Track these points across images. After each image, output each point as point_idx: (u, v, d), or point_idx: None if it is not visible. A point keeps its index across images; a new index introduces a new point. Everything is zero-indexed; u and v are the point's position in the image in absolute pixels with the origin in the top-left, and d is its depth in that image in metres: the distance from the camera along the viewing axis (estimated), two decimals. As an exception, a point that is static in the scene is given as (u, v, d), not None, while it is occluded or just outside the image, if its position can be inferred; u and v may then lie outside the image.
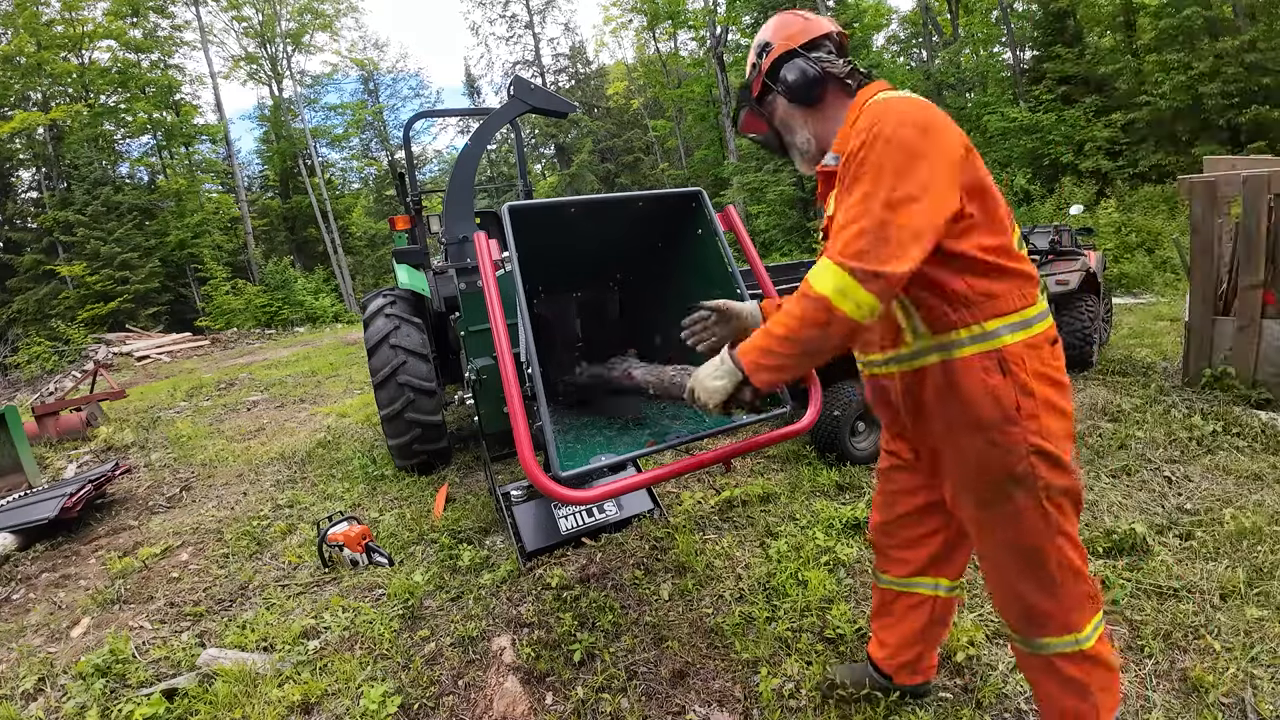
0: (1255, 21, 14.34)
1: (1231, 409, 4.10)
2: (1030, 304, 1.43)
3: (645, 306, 2.89)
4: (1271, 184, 4.19)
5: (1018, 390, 1.39)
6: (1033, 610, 1.52)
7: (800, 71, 1.56)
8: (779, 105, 1.66)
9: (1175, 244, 7.98)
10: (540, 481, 1.70)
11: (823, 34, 1.59)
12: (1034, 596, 1.51)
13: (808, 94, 1.58)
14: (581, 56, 37.15)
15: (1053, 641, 1.52)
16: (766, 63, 1.63)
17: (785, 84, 1.59)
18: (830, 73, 1.55)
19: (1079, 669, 1.51)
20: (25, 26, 22.29)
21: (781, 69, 1.60)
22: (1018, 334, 1.41)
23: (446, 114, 16.54)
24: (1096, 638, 1.51)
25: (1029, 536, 1.46)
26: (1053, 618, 1.50)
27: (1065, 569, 1.47)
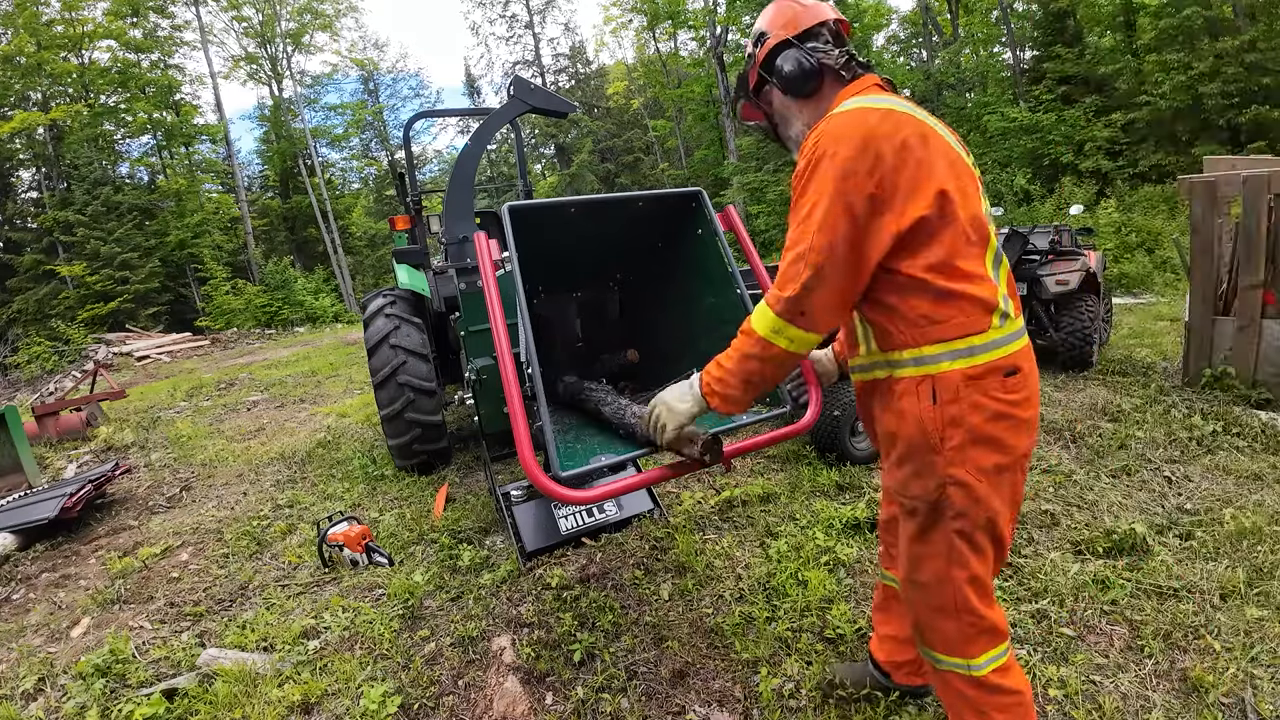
0: (1255, 21, 14.33)
1: (1231, 409, 4.10)
2: (978, 331, 1.36)
3: (645, 306, 2.89)
4: (1271, 184, 4.19)
5: (944, 421, 1.37)
6: (924, 626, 1.54)
7: (795, 63, 1.53)
8: (775, 96, 1.64)
9: (1175, 244, 7.98)
10: (540, 481, 1.70)
11: (819, 22, 1.55)
12: (926, 615, 1.52)
13: (802, 86, 1.55)
14: (581, 56, 37.16)
15: (943, 658, 1.52)
16: (761, 53, 1.60)
17: (780, 75, 1.57)
18: (825, 64, 1.52)
19: (973, 690, 1.50)
20: (25, 26, 22.29)
21: (776, 60, 1.57)
22: (957, 362, 1.36)
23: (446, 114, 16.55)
24: (992, 668, 1.47)
25: (931, 563, 1.46)
26: (944, 640, 1.50)
27: (960, 606, 1.45)
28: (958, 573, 1.44)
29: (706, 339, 2.49)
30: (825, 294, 1.35)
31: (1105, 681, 2.02)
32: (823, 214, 1.33)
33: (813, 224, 1.34)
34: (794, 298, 1.36)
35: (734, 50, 23.70)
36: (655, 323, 2.82)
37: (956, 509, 1.40)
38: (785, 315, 1.38)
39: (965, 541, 1.42)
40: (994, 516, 1.41)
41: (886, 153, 1.31)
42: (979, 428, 1.36)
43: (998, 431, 1.37)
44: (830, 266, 1.34)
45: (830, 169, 1.33)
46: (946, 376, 1.36)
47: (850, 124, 1.35)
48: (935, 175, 1.33)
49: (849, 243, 1.33)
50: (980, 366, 1.36)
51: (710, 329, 2.45)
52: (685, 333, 2.61)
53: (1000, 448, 1.38)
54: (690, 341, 2.59)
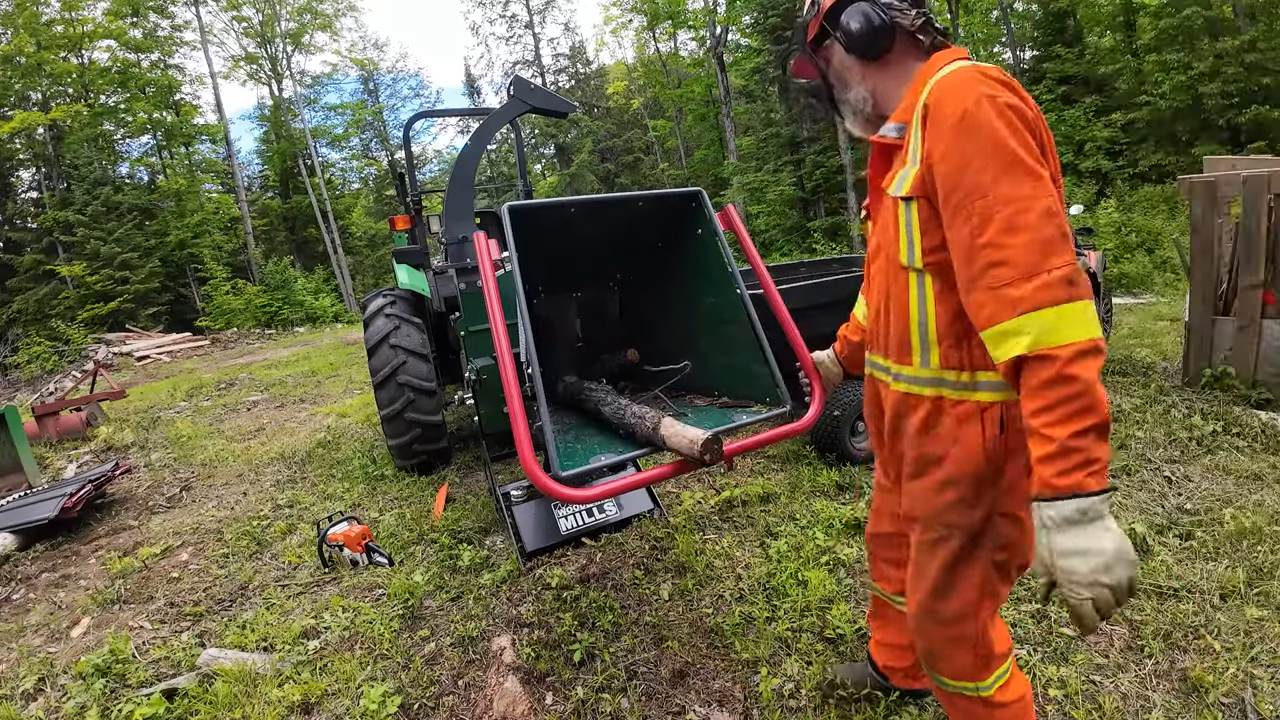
0: (1255, 21, 14.33)
1: (1231, 409, 4.10)
2: None
3: (645, 306, 2.88)
4: (1271, 184, 4.18)
5: (1009, 450, 1.25)
6: (936, 655, 1.47)
7: (864, 18, 1.34)
8: (835, 53, 1.45)
9: (1175, 244, 7.97)
10: (540, 481, 1.70)
11: None
12: (941, 646, 1.45)
13: (871, 45, 1.36)
14: (581, 56, 37.15)
15: (950, 682, 1.48)
16: (827, 2, 1.41)
17: (846, 31, 1.37)
18: (900, 24, 1.34)
19: (980, 709, 1.46)
20: (25, 26, 22.28)
21: (844, 12, 1.37)
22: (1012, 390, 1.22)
23: (446, 114, 16.53)
24: (998, 685, 1.45)
25: (962, 594, 1.37)
26: (956, 668, 1.45)
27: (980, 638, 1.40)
28: (988, 604, 1.37)
29: (706, 339, 2.49)
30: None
31: (1105, 681, 2.02)
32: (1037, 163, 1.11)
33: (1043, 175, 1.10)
34: (1077, 265, 1.06)
35: (734, 50, 23.70)
36: (655, 323, 2.82)
37: (1002, 541, 1.31)
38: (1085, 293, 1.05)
39: (1000, 573, 1.35)
40: (1029, 547, 1.34)
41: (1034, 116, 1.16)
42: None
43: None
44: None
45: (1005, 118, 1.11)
46: (1019, 404, 1.15)
47: (998, 76, 1.17)
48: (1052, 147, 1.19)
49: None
50: None
51: (710, 329, 2.45)
52: (685, 333, 2.61)
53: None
54: (690, 341, 2.59)
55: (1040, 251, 1.06)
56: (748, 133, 23.40)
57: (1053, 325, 1.05)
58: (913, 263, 1.30)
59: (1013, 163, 1.10)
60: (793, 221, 20.25)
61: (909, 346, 1.37)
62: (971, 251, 1.14)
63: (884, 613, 1.91)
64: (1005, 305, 1.09)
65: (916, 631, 1.50)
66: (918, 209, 1.26)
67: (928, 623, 1.45)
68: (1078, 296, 1.05)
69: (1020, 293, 1.07)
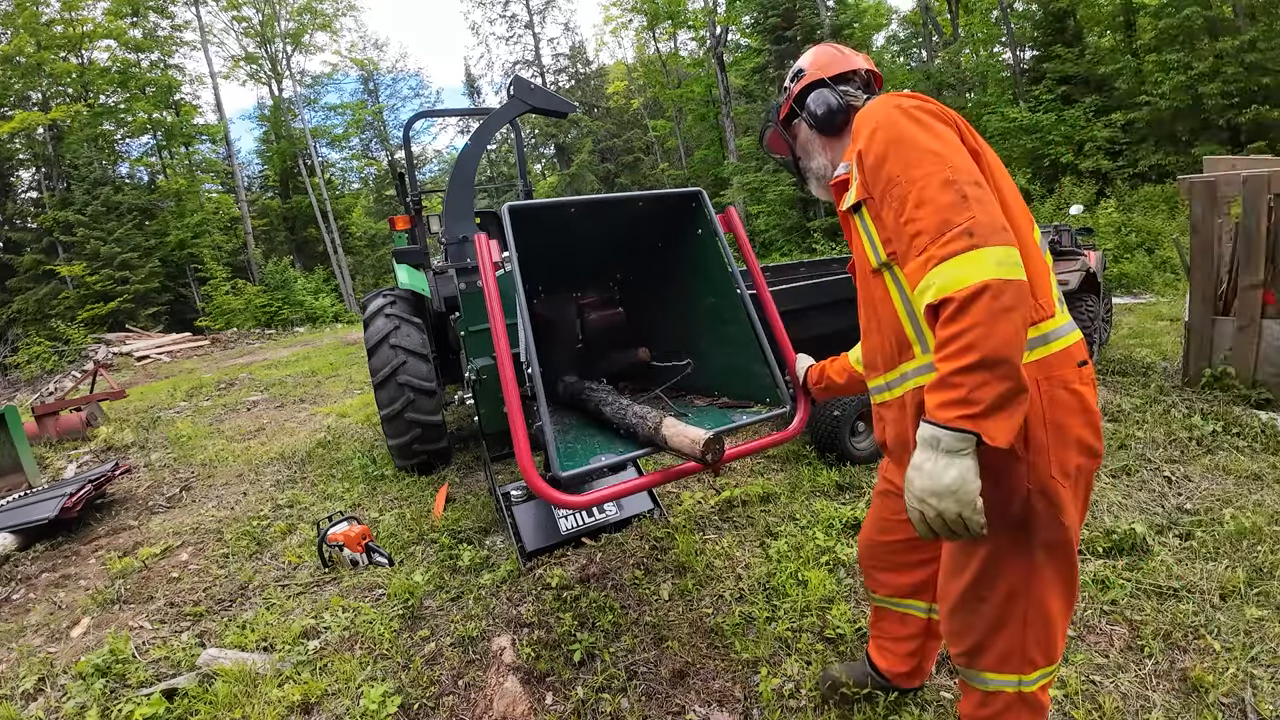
0: (1255, 21, 14.33)
1: (1231, 409, 4.10)
2: (1047, 316, 1.27)
3: (645, 306, 2.88)
4: (1271, 184, 4.19)
5: (1027, 420, 1.22)
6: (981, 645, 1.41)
7: (824, 101, 1.61)
8: (801, 130, 1.71)
9: (1175, 244, 7.97)
10: (537, 486, 1.70)
11: (852, 69, 1.65)
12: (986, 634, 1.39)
13: (830, 122, 1.62)
14: (581, 56, 37.16)
15: (993, 677, 1.42)
16: (796, 88, 1.69)
17: (810, 111, 1.64)
18: (853, 105, 1.59)
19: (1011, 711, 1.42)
20: (25, 26, 22.29)
21: (809, 96, 1.65)
22: (1035, 351, 1.25)
23: (446, 114, 16.55)
24: (1041, 684, 1.41)
25: (1007, 579, 1.34)
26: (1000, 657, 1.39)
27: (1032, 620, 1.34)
28: (1037, 585, 1.33)
29: (706, 339, 2.49)
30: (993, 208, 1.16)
31: (1105, 681, 2.02)
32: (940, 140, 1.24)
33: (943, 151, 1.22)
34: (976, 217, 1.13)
35: (734, 50, 23.70)
36: (655, 323, 2.82)
37: (1043, 518, 1.27)
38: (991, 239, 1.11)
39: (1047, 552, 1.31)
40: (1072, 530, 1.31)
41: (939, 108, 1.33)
42: (1065, 423, 1.25)
43: (1077, 425, 1.26)
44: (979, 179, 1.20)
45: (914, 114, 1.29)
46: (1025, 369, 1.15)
47: (901, 93, 1.38)
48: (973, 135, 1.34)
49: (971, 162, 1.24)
50: (1057, 354, 1.27)
51: (710, 329, 2.45)
52: (685, 333, 2.61)
53: (1081, 445, 1.27)
54: (690, 341, 2.59)
55: (943, 214, 1.16)
56: (748, 133, 23.41)
57: (952, 274, 1.13)
58: (879, 258, 1.41)
59: (913, 148, 1.25)
60: (793, 221, 20.26)
61: (907, 341, 1.41)
62: (899, 231, 1.27)
63: (882, 623, 1.91)
64: (921, 266, 1.19)
65: (957, 626, 1.45)
66: (866, 211, 1.41)
67: (970, 612, 1.40)
68: (976, 245, 1.12)
69: (930, 253, 1.17)
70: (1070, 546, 1.33)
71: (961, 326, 1.10)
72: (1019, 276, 1.11)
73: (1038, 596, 1.34)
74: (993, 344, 1.08)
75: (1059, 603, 1.36)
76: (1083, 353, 1.31)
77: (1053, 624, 1.37)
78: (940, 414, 1.13)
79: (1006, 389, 1.09)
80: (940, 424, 1.12)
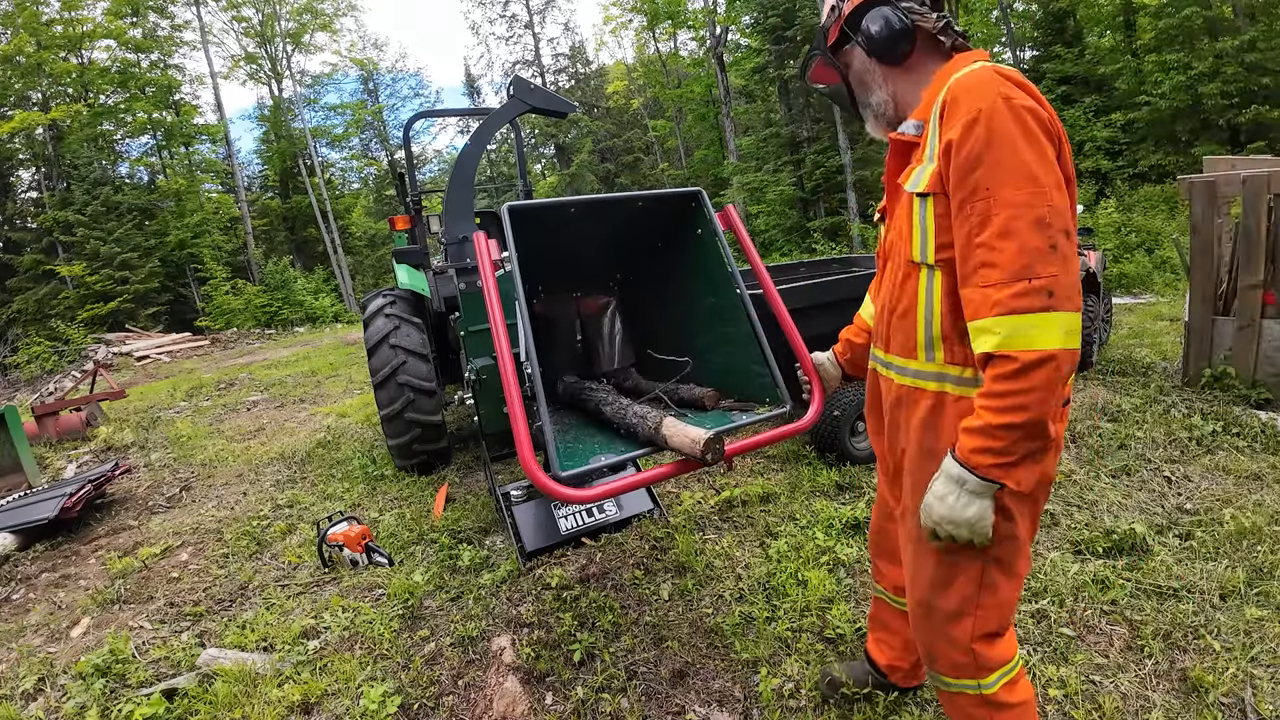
0: (1255, 21, 14.33)
1: (1231, 409, 4.10)
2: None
3: (645, 306, 2.88)
4: (1271, 184, 4.19)
5: None
6: (935, 654, 1.46)
7: (885, 22, 1.35)
8: (856, 57, 1.46)
9: (1175, 244, 7.97)
10: (540, 481, 1.70)
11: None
12: (940, 645, 1.44)
13: (892, 49, 1.37)
14: (581, 56, 37.14)
15: (952, 681, 1.46)
16: (848, 6, 1.41)
17: (867, 35, 1.38)
18: (921, 26, 1.34)
19: (981, 710, 1.44)
20: (25, 26, 22.27)
21: (864, 17, 1.38)
22: None
23: (446, 114, 16.53)
24: (1002, 684, 1.43)
25: (959, 590, 1.37)
26: (956, 666, 1.44)
27: (979, 637, 1.38)
28: (986, 599, 1.36)
29: (706, 339, 2.49)
30: (1075, 267, 1.10)
31: (1105, 681, 2.02)
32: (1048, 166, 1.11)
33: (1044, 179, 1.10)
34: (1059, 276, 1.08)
35: (733, 50, 23.69)
36: (655, 323, 2.82)
37: (999, 535, 1.30)
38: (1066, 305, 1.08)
39: (999, 567, 1.35)
40: (1027, 540, 1.35)
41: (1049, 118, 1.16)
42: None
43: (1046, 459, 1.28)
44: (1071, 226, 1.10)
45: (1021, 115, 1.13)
46: None
47: (1017, 79, 1.18)
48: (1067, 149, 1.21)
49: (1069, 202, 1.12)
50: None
51: (710, 329, 2.45)
52: (685, 333, 2.61)
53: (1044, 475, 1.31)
54: (690, 341, 2.59)
55: (1025, 260, 1.10)
56: (748, 133, 23.40)
57: (1022, 330, 1.10)
58: (925, 258, 1.31)
59: (1017, 167, 1.12)
60: (793, 221, 20.25)
61: (914, 342, 1.39)
62: (968, 249, 1.18)
63: (883, 613, 1.92)
64: (986, 304, 1.14)
65: (915, 628, 1.50)
66: (933, 205, 1.26)
67: (926, 619, 1.45)
68: (1053, 307, 1.09)
69: (1000, 295, 1.12)
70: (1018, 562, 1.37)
71: (1019, 387, 1.10)
72: (1078, 346, 1.11)
73: (987, 607, 1.37)
74: (1043, 410, 1.11)
75: (1004, 612, 1.40)
76: (1070, 392, 1.32)
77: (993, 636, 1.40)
78: (974, 459, 1.17)
79: (1040, 446, 1.15)
80: (971, 468, 1.17)
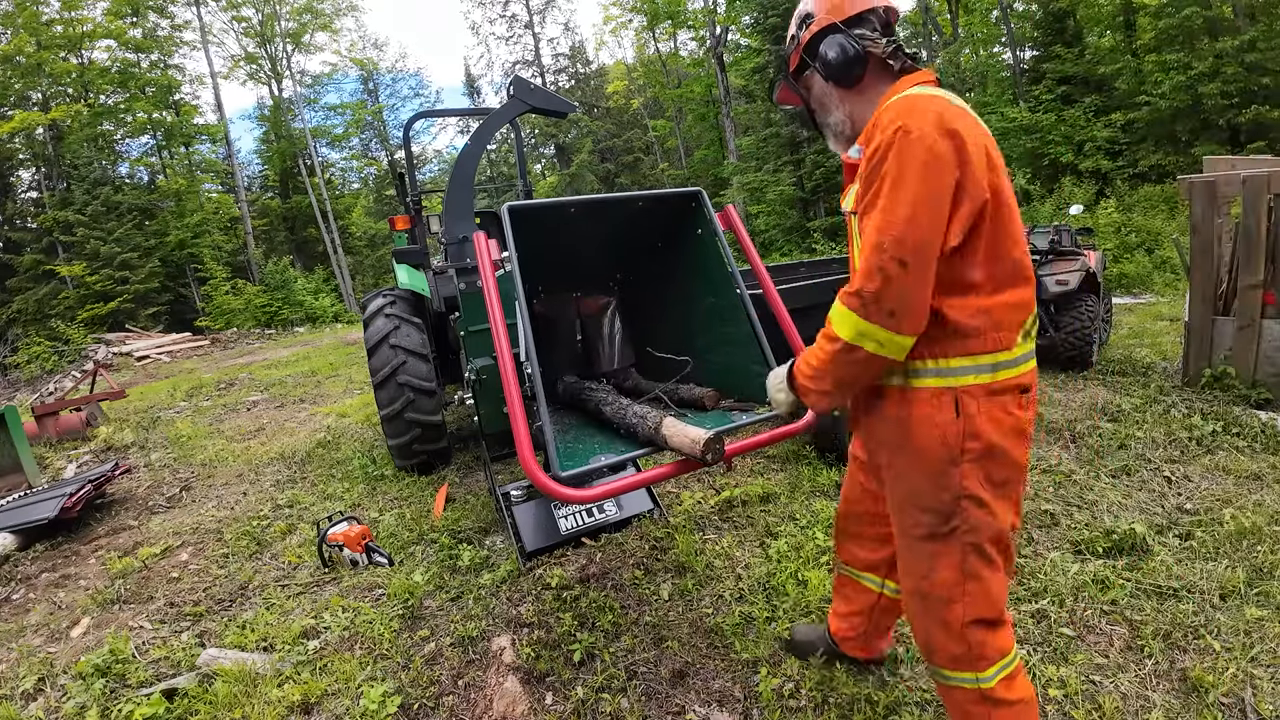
0: (1255, 21, 14.32)
1: (1231, 409, 4.10)
2: (1004, 348, 1.36)
3: (645, 306, 2.89)
4: (1271, 184, 4.18)
5: (966, 434, 1.36)
6: (931, 644, 1.52)
7: (840, 49, 1.46)
8: (815, 82, 1.58)
9: (1175, 244, 7.97)
10: (540, 481, 1.70)
11: (869, 9, 1.49)
12: (935, 632, 1.49)
13: (846, 73, 1.48)
14: (581, 56, 37.13)
15: (950, 674, 1.50)
16: (806, 35, 1.53)
17: (823, 61, 1.49)
18: (871, 52, 1.46)
19: (979, 707, 1.48)
20: (25, 26, 22.28)
21: (821, 44, 1.49)
22: (982, 377, 1.36)
23: (446, 114, 16.55)
24: (1000, 679, 1.47)
25: (942, 576, 1.44)
26: (952, 657, 1.48)
27: (970, 621, 1.44)
28: (971, 586, 1.43)
29: (706, 339, 2.49)
30: (912, 289, 1.26)
31: (1105, 681, 2.02)
32: (909, 201, 1.25)
33: (898, 212, 1.25)
34: (877, 293, 1.27)
35: (733, 50, 23.70)
36: (655, 323, 2.82)
37: (971, 523, 1.39)
38: (870, 316, 1.29)
39: (978, 555, 1.42)
40: (1004, 529, 1.42)
41: (966, 139, 1.27)
42: (997, 443, 1.37)
43: (1011, 446, 1.38)
44: (916, 258, 1.25)
45: (913, 152, 1.25)
46: (972, 390, 1.36)
47: (927, 108, 1.29)
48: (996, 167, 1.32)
49: (934, 231, 1.26)
50: (1004, 382, 1.37)
51: (710, 329, 2.45)
52: (685, 332, 2.61)
53: (1011, 462, 1.40)
54: (690, 341, 2.59)
55: (866, 270, 1.30)
56: (748, 133, 23.39)
57: (837, 317, 1.37)
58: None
59: (895, 190, 1.27)
60: (792, 221, 20.25)
61: None
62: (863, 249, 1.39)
63: (844, 588, 2.01)
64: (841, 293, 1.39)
65: (913, 620, 1.56)
66: (858, 221, 1.41)
67: (919, 607, 1.51)
68: (859, 311, 1.31)
69: (847, 289, 1.35)
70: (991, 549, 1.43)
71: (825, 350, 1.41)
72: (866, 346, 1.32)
73: (973, 593, 1.43)
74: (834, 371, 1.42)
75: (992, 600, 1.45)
76: (1030, 380, 1.41)
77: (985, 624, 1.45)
78: (796, 370, 1.53)
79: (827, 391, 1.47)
80: (791, 375, 1.57)
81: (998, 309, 1.35)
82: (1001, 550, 1.45)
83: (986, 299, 1.34)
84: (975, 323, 1.34)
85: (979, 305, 1.34)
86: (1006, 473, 1.40)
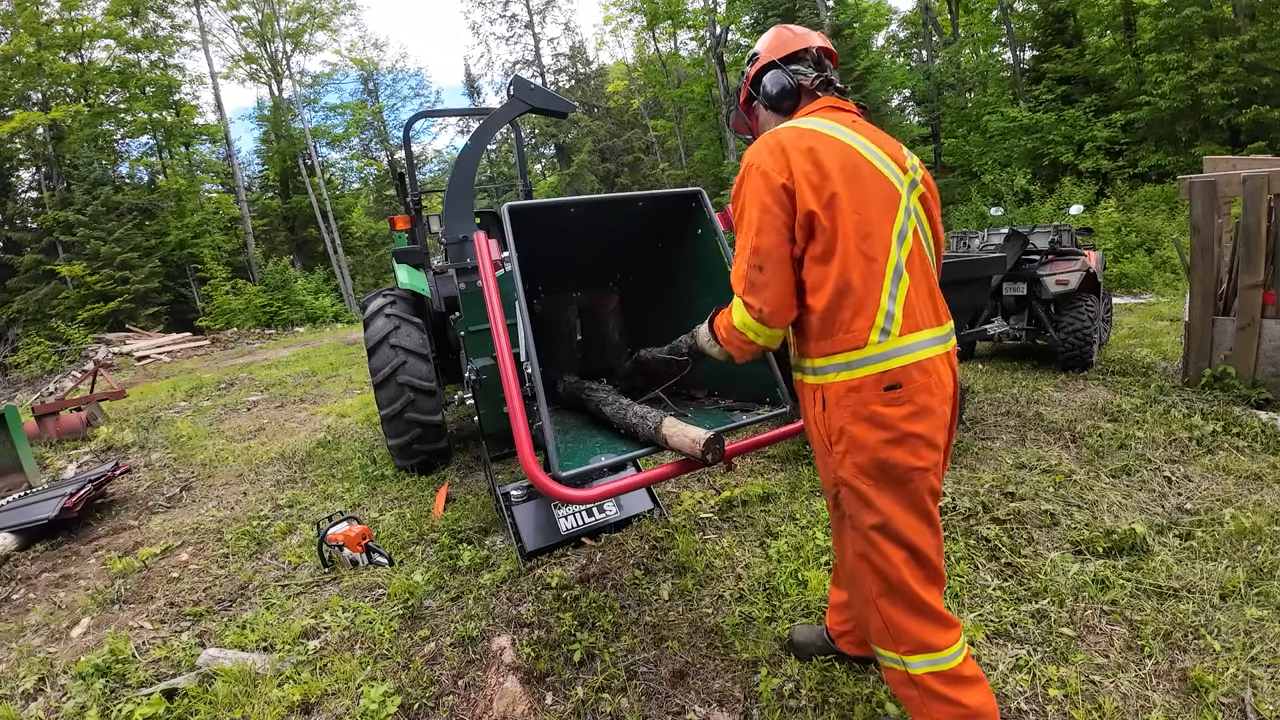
0: (1255, 21, 14.33)
1: (1231, 409, 4.10)
2: (856, 346, 1.47)
3: (645, 306, 2.89)
4: (1271, 184, 4.19)
5: (830, 428, 1.52)
6: (861, 615, 1.65)
7: (776, 81, 1.72)
8: (760, 110, 1.83)
9: (1175, 244, 7.98)
10: (540, 481, 1.70)
11: (804, 48, 1.73)
12: (859, 606, 1.64)
13: (780, 102, 1.73)
14: (581, 56, 37.11)
15: (881, 652, 1.60)
16: (751, 71, 1.80)
17: (765, 92, 1.75)
18: (802, 84, 1.70)
19: (909, 690, 1.55)
20: (25, 26, 22.27)
21: (764, 79, 1.75)
22: (841, 374, 1.49)
23: (446, 114, 16.55)
24: (927, 670, 1.52)
25: (846, 554, 1.61)
26: (874, 631, 1.59)
27: (876, 598, 1.55)
28: (867, 566, 1.55)
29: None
30: (771, 293, 1.50)
31: (1105, 681, 2.02)
32: (755, 218, 1.49)
33: (749, 228, 1.51)
34: (744, 294, 1.53)
35: (734, 50, 23.70)
36: (655, 323, 2.82)
37: (845, 510, 1.55)
38: (751, 314, 1.53)
39: (865, 541, 1.53)
40: (888, 522, 1.49)
41: (795, 158, 1.47)
42: (860, 437, 1.48)
43: (877, 442, 1.46)
44: (770, 266, 1.50)
45: (754, 177, 1.50)
46: (832, 387, 1.51)
47: (770, 137, 1.54)
48: (830, 181, 1.45)
49: (780, 241, 1.48)
50: (863, 379, 1.48)
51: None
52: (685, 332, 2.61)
53: (883, 459, 1.47)
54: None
55: (737, 275, 1.57)
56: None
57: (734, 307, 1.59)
58: None
59: (742, 217, 1.55)
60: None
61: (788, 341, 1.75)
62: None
63: (839, 579, 2.07)
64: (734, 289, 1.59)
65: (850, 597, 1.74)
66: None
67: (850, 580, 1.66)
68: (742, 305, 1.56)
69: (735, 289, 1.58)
70: (877, 538, 1.51)
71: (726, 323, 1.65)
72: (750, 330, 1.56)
73: (876, 566, 1.53)
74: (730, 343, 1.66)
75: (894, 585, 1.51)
76: (896, 378, 1.48)
77: (896, 607, 1.52)
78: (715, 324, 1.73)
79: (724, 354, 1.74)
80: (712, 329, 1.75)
81: (845, 309, 1.47)
82: (899, 544, 1.49)
83: (837, 298, 1.47)
84: (829, 324, 1.49)
85: (832, 304, 1.48)
86: (880, 467, 1.47)
